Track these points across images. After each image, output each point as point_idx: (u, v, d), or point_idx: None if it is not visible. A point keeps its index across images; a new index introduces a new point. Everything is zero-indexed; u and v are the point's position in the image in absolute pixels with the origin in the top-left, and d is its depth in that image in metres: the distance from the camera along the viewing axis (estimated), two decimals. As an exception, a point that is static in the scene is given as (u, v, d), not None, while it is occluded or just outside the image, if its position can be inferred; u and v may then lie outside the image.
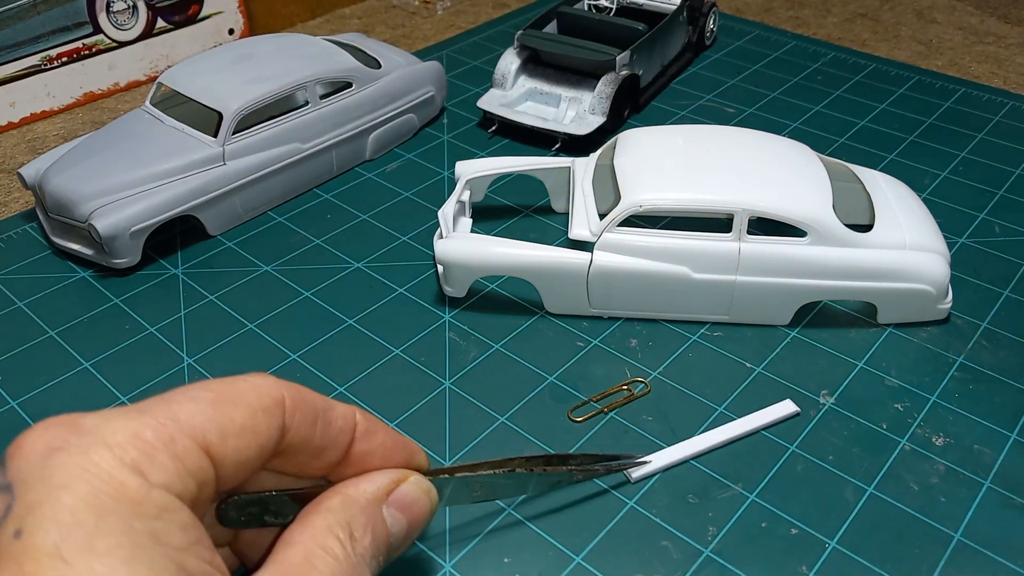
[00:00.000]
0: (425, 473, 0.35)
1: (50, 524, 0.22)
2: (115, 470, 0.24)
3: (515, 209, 0.65)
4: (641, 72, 0.76)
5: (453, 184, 0.62)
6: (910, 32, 0.95)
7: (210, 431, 0.27)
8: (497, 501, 0.43)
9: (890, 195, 0.57)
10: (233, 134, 0.61)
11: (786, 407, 0.48)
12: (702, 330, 0.54)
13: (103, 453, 0.24)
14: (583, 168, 0.59)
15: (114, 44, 0.83)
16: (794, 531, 0.42)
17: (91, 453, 0.24)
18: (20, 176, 0.62)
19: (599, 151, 0.59)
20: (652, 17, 0.82)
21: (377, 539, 0.31)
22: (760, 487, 0.44)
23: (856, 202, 0.56)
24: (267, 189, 0.65)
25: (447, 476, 0.35)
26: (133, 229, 0.57)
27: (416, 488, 0.33)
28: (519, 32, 0.76)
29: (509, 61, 0.76)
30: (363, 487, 0.32)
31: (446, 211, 0.57)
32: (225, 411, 0.28)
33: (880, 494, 0.44)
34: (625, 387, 0.49)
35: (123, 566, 0.22)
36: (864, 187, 0.57)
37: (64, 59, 0.80)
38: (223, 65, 0.65)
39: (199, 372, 0.52)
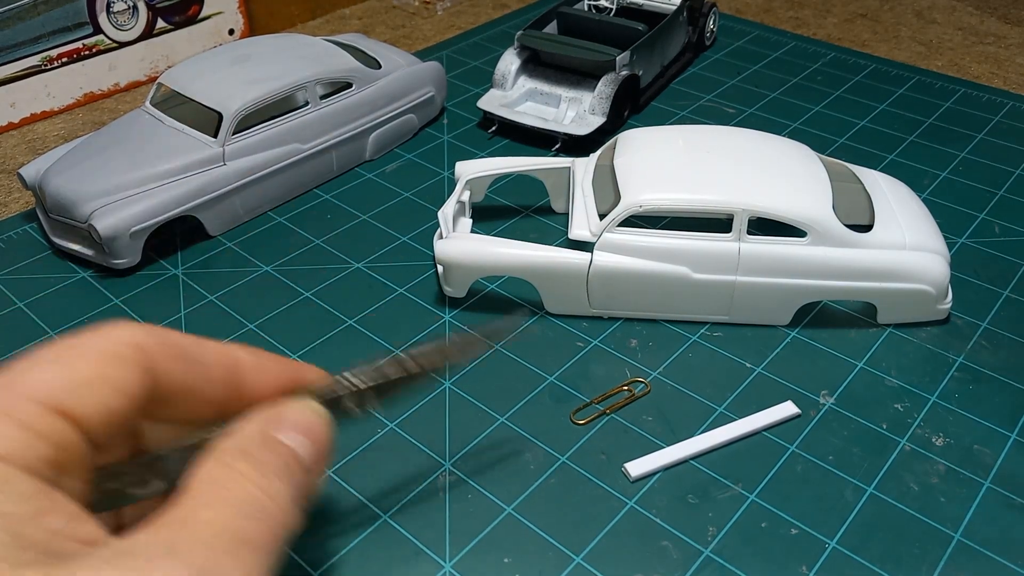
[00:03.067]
0: (309, 395, 0.33)
1: None
2: None
3: (515, 209, 0.65)
4: (641, 72, 0.76)
5: (453, 184, 0.62)
6: (910, 32, 0.95)
7: (55, 389, 0.25)
8: (495, 499, 0.43)
9: (890, 195, 0.57)
10: (233, 134, 0.61)
11: (787, 408, 0.48)
12: (702, 330, 0.54)
13: None
14: (583, 168, 0.59)
15: (114, 44, 0.84)
16: (794, 531, 0.42)
17: None
18: (20, 176, 0.62)
19: (599, 151, 0.59)
20: (652, 17, 0.82)
21: (284, 458, 0.29)
22: (760, 487, 0.44)
23: (856, 202, 0.56)
24: (267, 189, 0.65)
25: (328, 391, 0.34)
26: (133, 229, 0.57)
27: (298, 409, 0.32)
28: (519, 32, 0.76)
29: (509, 61, 0.76)
30: (247, 423, 0.30)
31: (446, 211, 0.57)
32: (70, 366, 0.26)
33: (880, 494, 0.44)
34: (625, 387, 0.49)
35: None
36: (864, 187, 0.57)
37: (64, 59, 0.81)
38: (223, 65, 0.65)
39: (199, 372, 0.52)
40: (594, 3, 0.84)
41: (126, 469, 0.29)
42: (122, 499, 0.29)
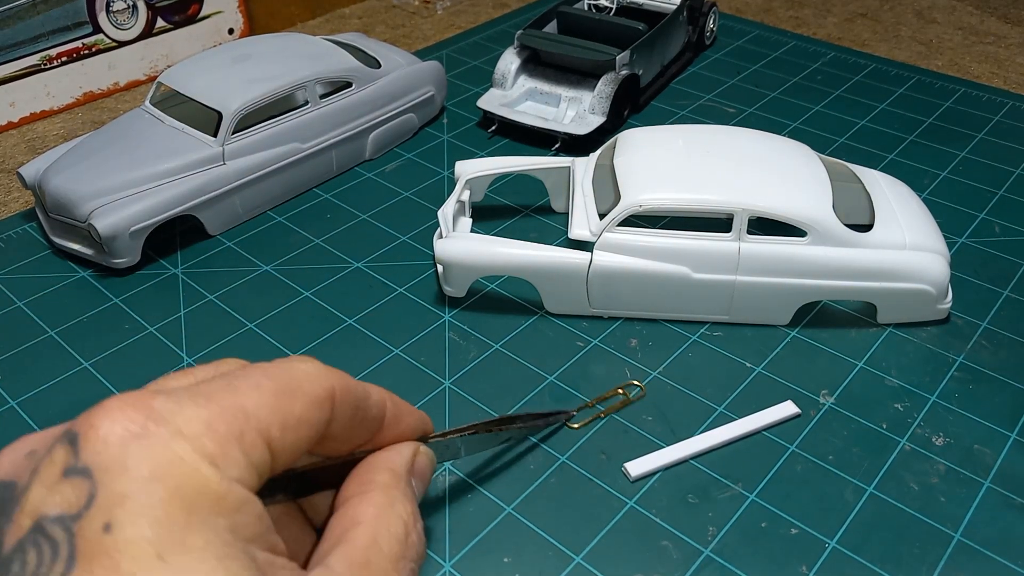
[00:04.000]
0: (425, 440, 0.36)
1: (142, 519, 0.22)
2: (196, 463, 0.23)
3: (515, 209, 0.65)
4: (641, 72, 0.76)
5: (453, 184, 0.62)
6: (910, 32, 0.95)
7: (273, 425, 0.26)
8: (495, 499, 0.43)
9: (890, 195, 0.57)
10: (233, 134, 0.61)
11: (787, 408, 0.48)
12: (702, 330, 0.54)
13: (183, 445, 0.23)
14: (583, 168, 0.59)
15: (114, 44, 0.83)
16: (794, 531, 0.42)
17: (173, 445, 0.23)
18: (20, 176, 0.62)
19: (599, 151, 0.59)
20: (652, 17, 0.82)
21: (415, 499, 0.31)
22: (760, 487, 0.44)
23: (856, 202, 0.56)
24: (267, 189, 0.64)
25: (439, 440, 0.37)
26: (133, 229, 0.57)
27: (426, 458, 0.34)
28: (519, 32, 0.76)
29: (509, 61, 0.76)
30: (398, 460, 0.32)
31: (446, 211, 0.57)
32: (286, 403, 0.27)
33: (880, 494, 0.44)
34: (620, 391, 0.49)
35: (218, 563, 0.22)
36: (864, 187, 0.57)
37: (64, 59, 0.80)
38: (223, 65, 0.65)
39: (199, 372, 0.52)
40: (594, 3, 0.84)
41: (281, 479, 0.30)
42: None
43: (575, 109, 0.74)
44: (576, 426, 0.47)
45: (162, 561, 0.21)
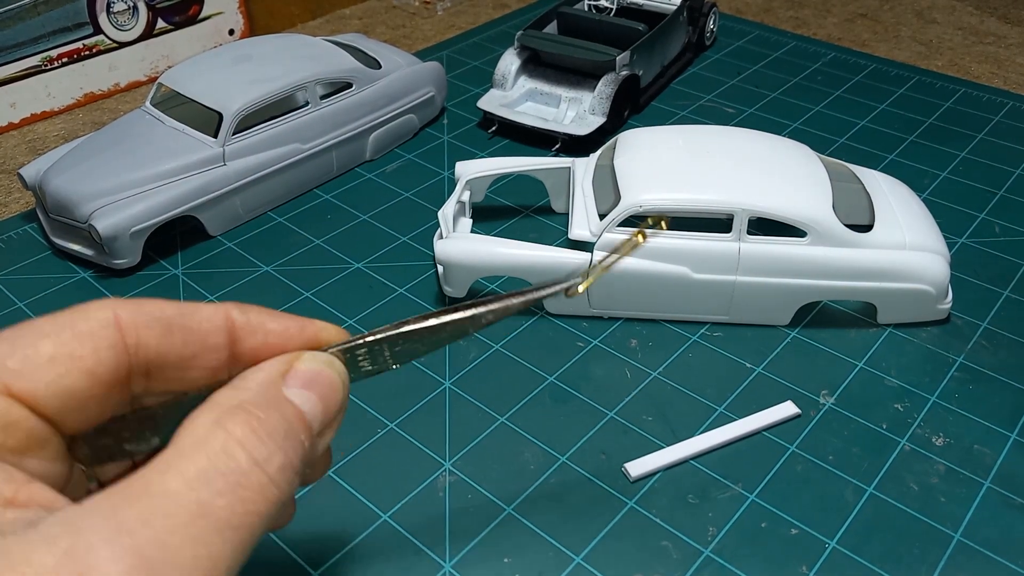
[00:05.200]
0: (323, 350, 0.31)
1: None
2: None
3: (515, 209, 0.65)
4: (641, 72, 0.76)
5: (453, 184, 0.62)
6: (910, 32, 0.95)
7: (6, 368, 0.24)
8: (495, 499, 0.43)
9: (890, 195, 0.57)
10: (233, 134, 0.61)
11: (787, 408, 0.48)
12: (702, 330, 0.54)
13: None
14: (583, 168, 0.59)
15: (114, 45, 0.84)
16: (794, 531, 0.42)
17: None
18: (20, 176, 0.62)
19: (599, 151, 0.59)
20: (652, 17, 0.82)
21: (288, 418, 0.26)
22: (760, 487, 0.44)
23: (856, 202, 0.56)
24: (267, 189, 0.65)
25: (346, 345, 0.31)
26: (133, 229, 0.57)
27: (313, 362, 0.29)
28: (519, 32, 0.76)
29: (509, 61, 0.76)
30: (251, 374, 0.28)
31: (446, 211, 0.57)
32: (28, 344, 0.25)
33: (880, 494, 0.44)
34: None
35: None
36: (864, 187, 0.57)
37: (64, 60, 0.81)
38: (223, 66, 0.65)
39: (199, 372, 0.52)
40: (594, 3, 0.84)
41: (119, 425, 0.28)
42: (119, 454, 0.28)
43: (575, 110, 0.74)
44: (582, 289, 0.36)
45: None
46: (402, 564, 0.40)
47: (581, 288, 0.35)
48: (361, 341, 0.31)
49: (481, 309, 0.32)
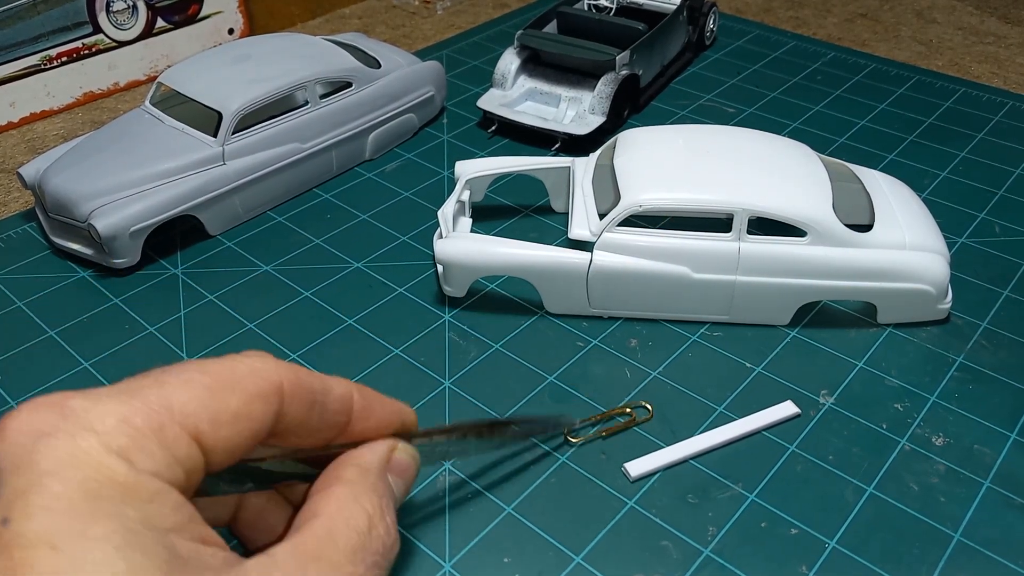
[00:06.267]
0: (408, 439, 0.36)
1: (38, 511, 0.22)
2: (103, 457, 0.23)
3: (515, 209, 0.65)
4: (641, 72, 0.76)
5: (453, 184, 0.62)
6: (910, 32, 0.95)
7: (202, 419, 0.26)
8: (495, 499, 0.43)
9: (890, 195, 0.57)
10: (233, 134, 0.61)
11: (787, 408, 0.48)
12: (702, 330, 0.54)
13: (90, 439, 0.24)
14: (583, 168, 0.59)
15: (114, 44, 0.83)
16: (794, 531, 0.42)
17: (78, 439, 0.23)
18: (20, 176, 0.62)
19: (599, 151, 0.59)
20: (652, 17, 0.82)
21: (389, 495, 0.32)
22: (760, 487, 0.44)
23: (856, 202, 0.56)
24: (267, 189, 0.64)
25: (424, 440, 0.36)
26: (133, 229, 0.57)
27: (406, 454, 0.34)
28: (519, 32, 0.76)
29: (509, 61, 0.76)
30: (368, 457, 0.32)
31: (446, 211, 0.57)
32: (220, 398, 0.27)
33: (880, 494, 0.44)
34: (628, 410, 0.48)
35: (116, 552, 0.22)
36: (864, 187, 0.57)
37: (64, 59, 0.80)
38: (223, 65, 0.65)
39: (199, 372, 0.52)
40: (594, 3, 0.84)
41: (225, 474, 0.30)
42: (213, 491, 0.30)
43: (575, 109, 0.74)
44: (576, 440, 0.47)
45: (54, 550, 0.21)
46: (402, 564, 0.40)
47: (576, 440, 0.47)
48: (434, 439, 0.37)
49: (523, 431, 0.42)
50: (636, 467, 0.45)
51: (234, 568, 0.24)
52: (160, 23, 0.86)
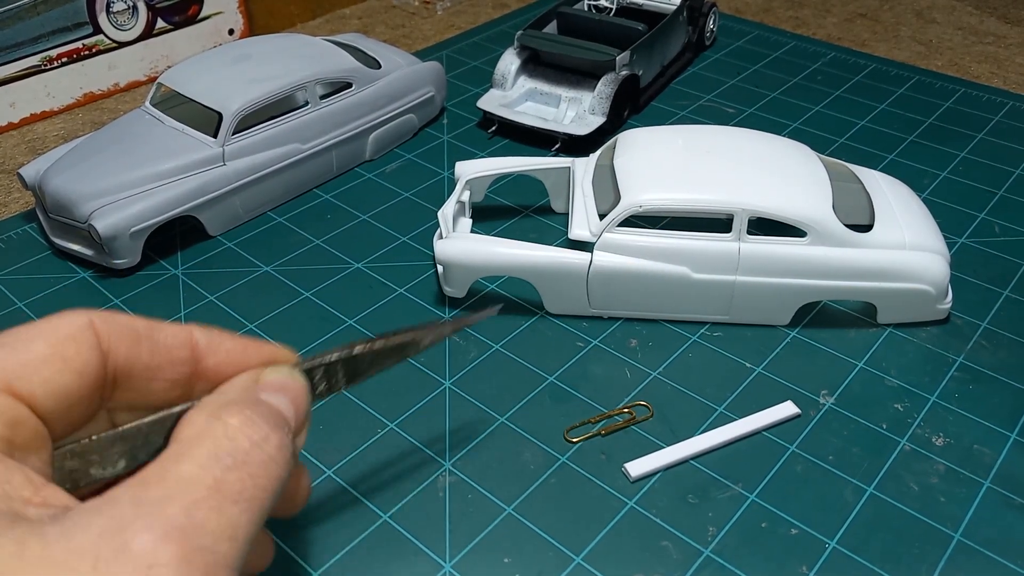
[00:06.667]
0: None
1: None
2: None
3: (515, 209, 0.65)
4: (641, 72, 0.76)
5: (453, 184, 0.62)
6: (910, 32, 0.95)
7: (5, 371, 0.26)
8: (495, 499, 0.43)
9: (890, 195, 0.57)
10: (233, 134, 0.61)
11: (787, 408, 0.48)
12: (702, 330, 0.54)
13: None
14: (583, 168, 0.59)
15: (114, 44, 0.84)
16: (794, 531, 0.42)
17: None
18: (20, 176, 0.62)
19: (599, 151, 0.59)
20: (652, 17, 0.82)
21: (272, 411, 0.29)
22: (760, 487, 0.44)
23: (856, 202, 0.56)
24: (267, 189, 0.65)
25: (305, 365, 0.34)
26: (133, 229, 0.57)
27: (278, 373, 0.32)
28: (519, 32, 0.76)
29: (509, 61, 0.76)
30: (229, 384, 0.31)
31: (446, 211, 0.57)
32: (23, 348, 0.27)
33: (880, 494, 0.44)
34: (627, 410, 0.48)
35: None
36: (864, 187, 0.57)
37: (64, 59, 0.81)
38: (223, 65, 0.65)
39: (199, 372, 0.52)
40: (594, 3, 0.84)
41: (88, 447, 0.29)
42: (84, 478, 0.29)
43: (575, 109, 0.74)
44: (576, 440, 0.47)
45: None
46: (402, 564, 0.40)
47: (576, 440, 0.46)
48: (318, 363, 0.34)
49: (420, 334, 0.37)
50: (636, 467, 0.45)
51: (58, 520, 0.23)
52: (160, 24, 0.86)
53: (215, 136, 0.61)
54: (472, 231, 0.61)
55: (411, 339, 0.36)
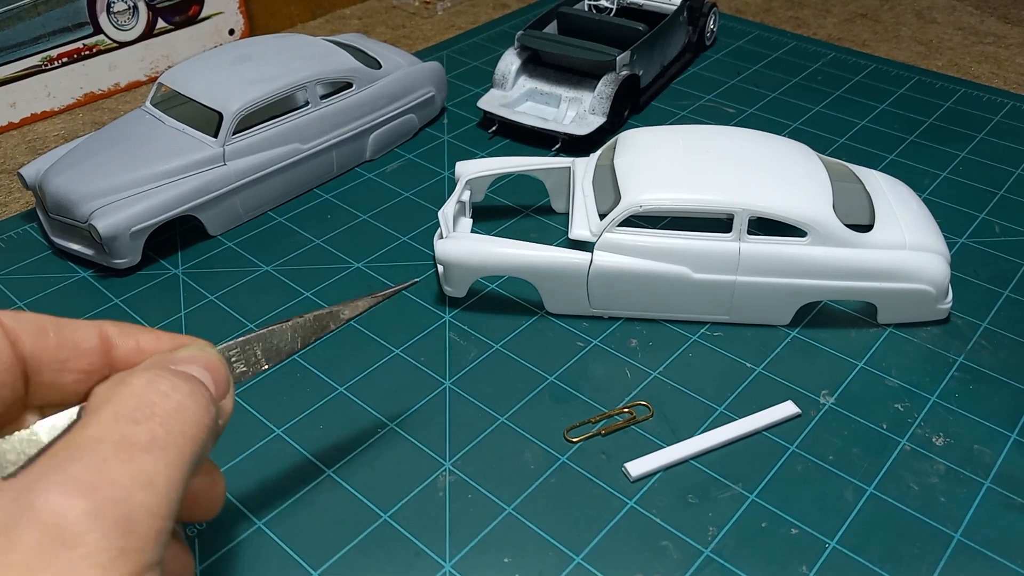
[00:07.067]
0: None
1: None
2: None
3: (515, 209, 0.65)
4: (641, 72, 0.76)
5: (453, 184, 0.62)
6: (910, 32, 0.95)
7: None
8: (495, 499, 0.43)
9: (890, 195, 0.57)
10: (233, 134, 0.61)
11: (787, 408, 0.48)
12: (702, 330, 0.54)
13: None
14: (583, 168, 0.59)
15: (114, 44, 0.84)
16: (794, 531, 0.42)
17: None
18: (20, 176, 0.62)
19: (599, 151, 0.59)
20: (652, 17, 0.82)
21: (184, 373, 0.28)
22: (760, 487, 0.44)
23: (856, 202, 0.56)
24: (267, 189, 0.65)
25: (218, 347, 0.34)
26: (133, 229, 0.57)
27: (188, 349, 0.31)
28: (519, 32, 0.76)
29: (509, 61, 0.76)
30: (137, 367, 0.30)
31: (446, 211, 0.57)
32: None
33: (880, 494, 0.44)
34: (627, 410, 0.48)
35: None
36: (864, 187, 0.57)
37: (64, 59, 0.81)
38: (223, 65, 0.65)
39: (199, 372, 0.52)
40: (594, 3, 0.84)
41: (2, 447, 0.28)
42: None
43: (575, 109, 0.74)
44: (576, 440, 0.47)
45: None
46: (402, 564, 0.40)
47: (576, 440, 0.46)
48: (233, 343, 0.34)
49: (338, 307, 0.39)
50: (636, 467, 0.45)
51: None
52: (161, 24, 0.86)
53: (215, 136, 0.61)
54: (472, 231, 0.61)
55: (330, 312, 0.38)
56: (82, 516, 0.22)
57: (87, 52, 0.82)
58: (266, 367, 0.36)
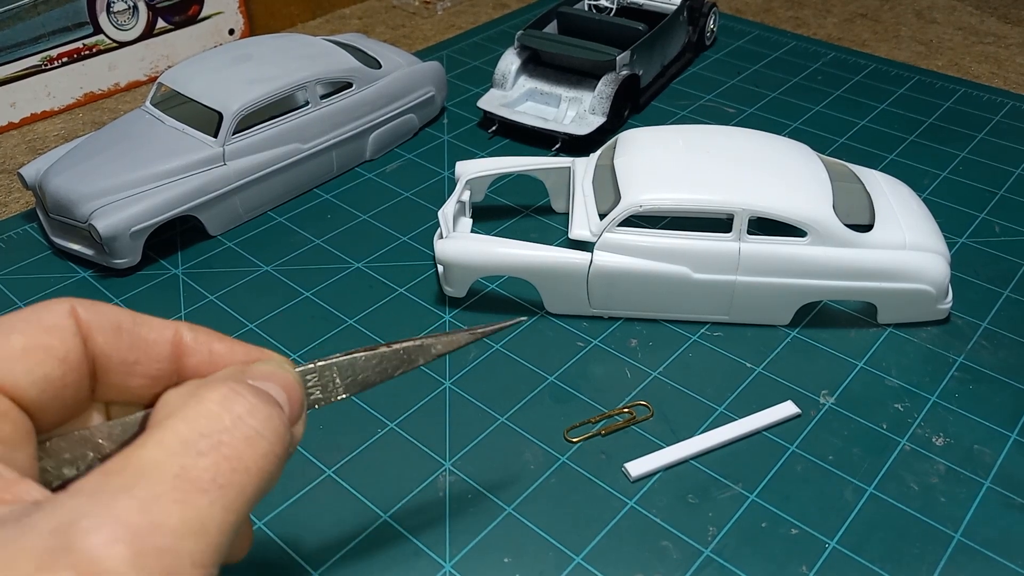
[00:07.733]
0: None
1: None
2: None
3: (515, 209, 0.65)
4: (641, 72, 0.76)
5: (453, 184, 0.62)
6: (910, 32, 0.95)
7: None
8: (495, 499, 0.43)
9: (890, 195, 0.57)
10: (233, 134, 0.61)
11: (787, 408, 0.48)
12: (702, 330, 0.54)
13: None
14: (583, 168, 0.59)
15: (114, 44, 0.84)
16: (794, 531, 0.42)
17: None
18: (20, 176, 0.62)
19: (599, 151, 0.59)
20: (652, 17, 0.82)
21: (259, 394, 0.26)
22: (760, 487, 0.44)
23: (856, 202, 0.56)
24: (267, 189, 0.65)
25: (297, 368, 0.32)
26: (133, 229, 0.57)
27: (267, 365, 0.29)
28: (519, 32, 0.76)
29: (509, 61, 0.76)
30: (213, 377, 0.28)
31: (446, 211, 0.57)
32: (2, 338, 0.26)
33: (880, 494, 0.44)
34: (627, 410, 0.48)
35: None
36: (864, 187, 0.57)
37: (64, 59, 0.81)
38: (223, 65, 0.65)
39: (199, 372, 0.52)
40: (594, 3, 0.84)
41: (60, 445, 0.28)
42: (54, 479, 0.28)
43: (575, 109, 0.74)
44: (576, 440, 0.47)
45: None
46: (402, 564, 0.40)
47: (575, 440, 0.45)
48: (312, 366, 0.31)
49: (430, 340, 0.34)
50: (636, 467, 0.45)
51: (19, 517, 0.21)
52: (160, 24, 0.86)
53: (215, 136, 0.61)
54: (472, 231, 0.61)
55: (420, 345, 0.33)
56: (122, 565, 0.20)
57: (87, 52, 0.82)
58: (343, 396, 0.33)
